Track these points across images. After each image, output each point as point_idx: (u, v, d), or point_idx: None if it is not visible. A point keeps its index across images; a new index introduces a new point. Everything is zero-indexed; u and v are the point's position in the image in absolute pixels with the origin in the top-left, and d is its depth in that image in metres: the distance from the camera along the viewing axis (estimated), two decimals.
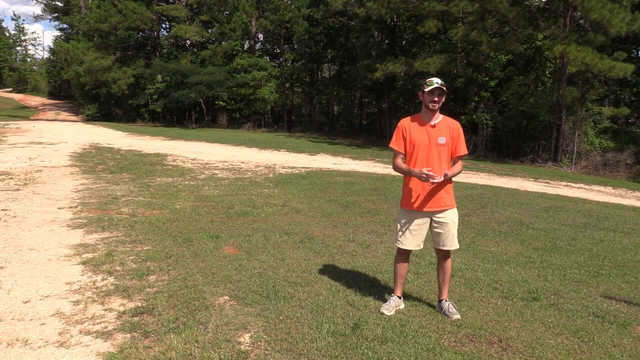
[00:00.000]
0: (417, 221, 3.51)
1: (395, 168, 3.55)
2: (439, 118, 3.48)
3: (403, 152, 3.52)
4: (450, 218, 3.50)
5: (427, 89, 3.37)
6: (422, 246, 3.58)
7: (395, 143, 3.53)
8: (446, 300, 3.59)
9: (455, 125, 3.50)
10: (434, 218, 3.50)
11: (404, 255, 3.63)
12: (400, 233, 3.56)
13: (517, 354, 3.00)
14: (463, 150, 3.47)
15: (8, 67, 66.48)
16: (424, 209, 3.47)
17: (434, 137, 3.42)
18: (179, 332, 3.09)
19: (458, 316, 3.48)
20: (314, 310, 3.51)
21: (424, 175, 3.28)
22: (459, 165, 3.49)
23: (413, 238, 3.53)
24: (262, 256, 4.77)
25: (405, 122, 3.53)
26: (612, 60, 17.23)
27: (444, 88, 3.36)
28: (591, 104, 21.01)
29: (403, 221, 3.55)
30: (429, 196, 3.45)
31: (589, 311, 3.76)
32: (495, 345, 3.11)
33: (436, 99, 3.38)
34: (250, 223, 6.24)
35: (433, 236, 3.56)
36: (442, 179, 3.33)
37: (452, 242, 3.51)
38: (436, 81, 3.36)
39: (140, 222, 5.96)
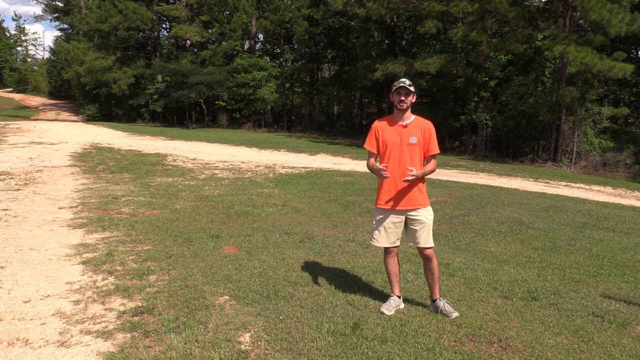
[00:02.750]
0: (391, 219, 3.56)
1: (368, 168, 3.67)
2: (410, 118, 3.54)
3: (376, 152, 3.61)
4: (425, 216, 3.54)
5: (394, 89, 3.47)
6: (397, 244, 3.62)
7: (368, 144, 3.63)
8: (440, 299, 3.59)
9: (427, 125, 3.54)
10: (408, 216, 3.55)
11: (389, 254, 3.65)
12: (375, 232, 3.63)
13: (516, 354, 3.01)
14: (435, 149, 3.53)
15: (9, 67, 66.50)
16: (398, 208, 3.53)
17: (405, 137, 3.48)
18: (179, 332, 3.09)
19: (456, 314, 3.49)
20: (314, 310, 3.51)
21: (380, 171, 3.43)
22: (431, 164, 3.55)
23: (387, 236, 3.58)
24: (262, 256, 4.78)
25: (378, 123, 3.62)
26: (611, 60, 17.23)
27: (411, 88, 3.44)
28: (591, 104, 21.01)
29: (377, 219, 3.62)
30: (401, 195, 3.51)
31: (589, 311, 3.76)
32: (495, 345, 3.11)
33: (402, 98, 3.44)
34: (250, 223, 6.24)
35: (409, 233, 3.60)
36: (412, 177, 3.36)
37: (426, 240, 3.54)
38: (402, 81, 3.45)
39: (140, 222, 5.96)
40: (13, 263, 4.33)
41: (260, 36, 37.85)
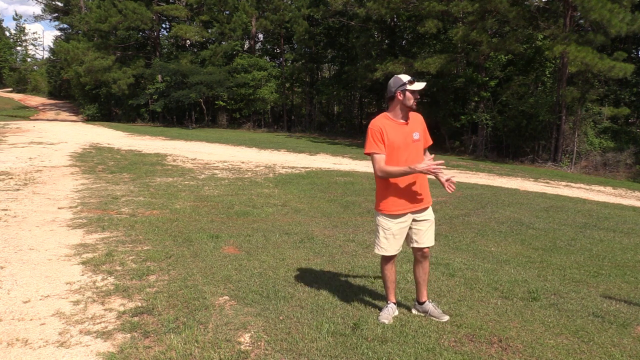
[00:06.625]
0: (401, 224, 3.34)
1: (385, 173, 3.20)
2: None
3: (385, 154, 3.23)
4: (431, 213, 3.42)
5: (413, 87, 3.20)
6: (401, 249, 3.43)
7: (375, 146, 3.20)
8: (429, 301, 3.51)
9: (421, 117, 3.44)
10: (415, 217, 3.36)
11: (390, 261, 3.44)
12: (384, 240, 3.33)
13: (517, 354, 3.00)
14: (430, 140, 3.48)
15: (8, 67, 66.48)
16: (409, 211, 3.32)
17: (409, 135, 3.28)
18: (179, 332, 3.09)
19: (446, 317, 3.41)
20: (314, 310, 3.51)
21: (432, 169, 3.08)
22: (428, 155, 3.35)
23: (396, 242, 3.36)
24: (262, 256, 4.77)
25: (379, 122, 3.25)
26: (612, 60, 17.23)
27: None
28: (591, 104, 21.02)
29: (387, 227, 3.32)
30: (415, 196, 3.30)
31: (589, 311, 3.76)
32: (495, 345, 3.11)
33: (419, 97, 3.30)
34: (250, 223, 6.24)
35: (412, 235, 3.38)
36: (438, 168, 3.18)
37: (431, 239, 3.42)
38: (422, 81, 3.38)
39: (140, 222, 5.96)
40: (12, 263, 4.33)
41: (260, 36, 37.86)
